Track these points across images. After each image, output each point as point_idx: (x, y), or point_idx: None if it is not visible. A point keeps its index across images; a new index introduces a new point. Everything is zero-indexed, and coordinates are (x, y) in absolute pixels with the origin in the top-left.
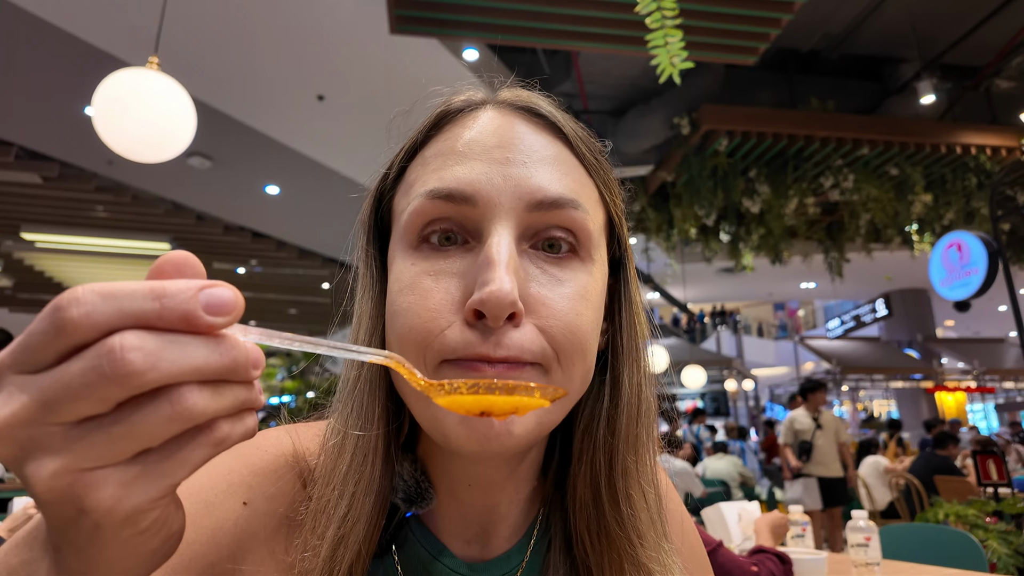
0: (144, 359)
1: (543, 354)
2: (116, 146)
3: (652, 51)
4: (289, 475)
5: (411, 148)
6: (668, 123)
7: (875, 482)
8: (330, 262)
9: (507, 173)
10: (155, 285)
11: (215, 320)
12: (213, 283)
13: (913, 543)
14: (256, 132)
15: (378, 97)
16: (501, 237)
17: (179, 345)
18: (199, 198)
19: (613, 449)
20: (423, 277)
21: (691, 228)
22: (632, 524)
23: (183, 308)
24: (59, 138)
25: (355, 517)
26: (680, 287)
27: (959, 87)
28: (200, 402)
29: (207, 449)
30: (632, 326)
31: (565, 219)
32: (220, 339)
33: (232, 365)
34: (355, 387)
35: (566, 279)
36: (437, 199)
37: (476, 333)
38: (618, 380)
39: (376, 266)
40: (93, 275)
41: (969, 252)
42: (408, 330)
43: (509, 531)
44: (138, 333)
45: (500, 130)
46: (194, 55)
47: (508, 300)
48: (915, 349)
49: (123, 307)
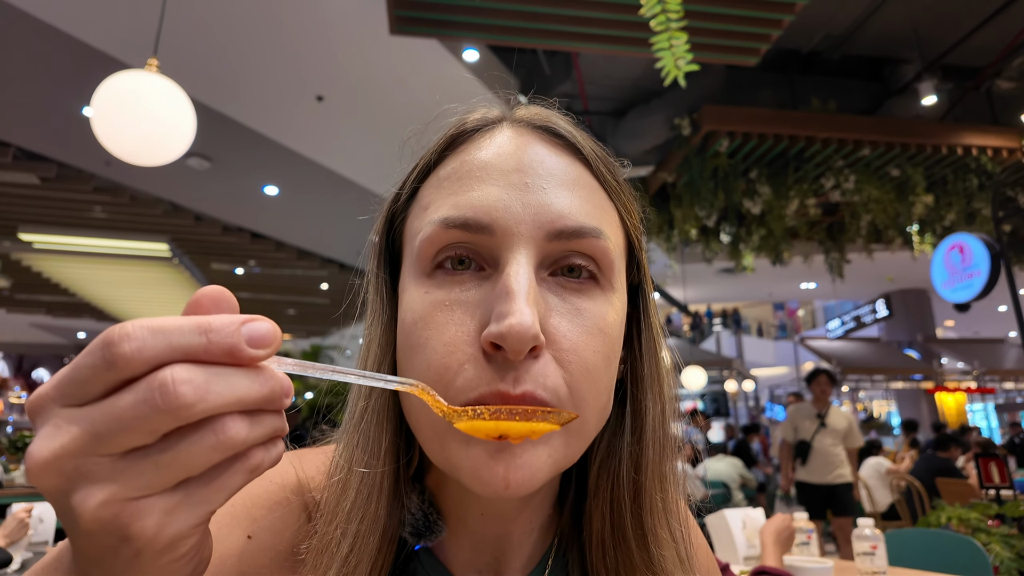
0: (194, 391)
1: (557, 396)
2: (115, 149)
3: (657, 54)
4: (294, 507)
5: (424, 168)
6: (669, 124)
7: (876, 484)
8: (329, 263)
9: (526, 200)
10: (201, 320)
11: (257, 353)
12: (253, 317)
13: (917, 549)
14: (255, 133)
15: (378, 98)
16: (520, 266)
17: (224, 377)
18: (197, 199)
19: (639, 487)
20: (438, 309)
21: (691, 229)
22: (661, 564)
23: (228, 342)
24: (57, 139)
25: (358, 557)
26: (680, 288)
27: (960, 88)
28: (241, 432)
29: (243, 476)
30: (652, 354)
31: (586, 247)
32: (260, 370)
33: (270, 395)
34: (361, 420)
35: (586, 309)
36: (452, 227)
37: (494, 368)
38: (640, 412)
39: (387, 291)
40: (91, 276)
41: (971, 254)
42: (426, 367)
43: (522, 562)
44: (187, 366)
45: (518, 152)
46: (193, 57)
47: (530, 334)
48: (915, 349)
49: (172, 342)
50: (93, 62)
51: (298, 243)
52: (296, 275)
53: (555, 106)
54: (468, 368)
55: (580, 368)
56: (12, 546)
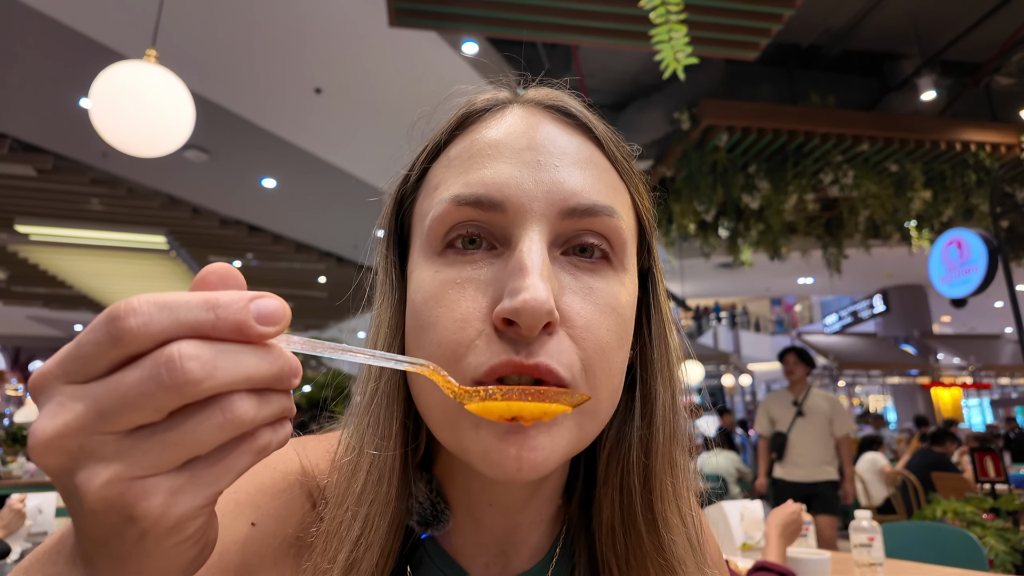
0: (202, 367)
1: (571, 373)
2: (113, 140)
3: (656, 46)
4: (298, 494)
5: (434, 148)
6: (668, 118)
7: (872, 478)
8: (327, 256)
9: (538, 178)
10: (208, 296)
11: (266, 330)
12: (262, 294)
13: (913, 541)
14: (253, 125)
15: (376, 90)
16: (533, 243)
17: (232, 354)
18: (195, 191)
19: (649, 471)
20: (448, 287)
21: (690, 223)
22: (672, 549)
23: (237, 318)
24: (54, 130)
25: (368, 541)
26: (678, 282)
27: (959, 84)
28: (250, 410)
29: (251, 456)
30: (663, 339)
31: (599, 226)
32: (268, 348)
33: (279, 374)
34: (371, 402)
35: (598, 289)
36: (464, 205)
37: (507, 343)
38: (650, 397)
39: (396, 272)
40: (88, 268)
41: (969, 249)
42: (437, 346)
43: (530, 552)
44: (194, 343)
45: (529, 130)
46: (192, 48)
47: (544, 309)
48: (912, 345)
49: (179, 317)
50: (91, 53)
51: (296, 236)
52: (294, 268)
53: (566, 87)
54: (479, 343)
55: (594, 346)
56: (10, 537)
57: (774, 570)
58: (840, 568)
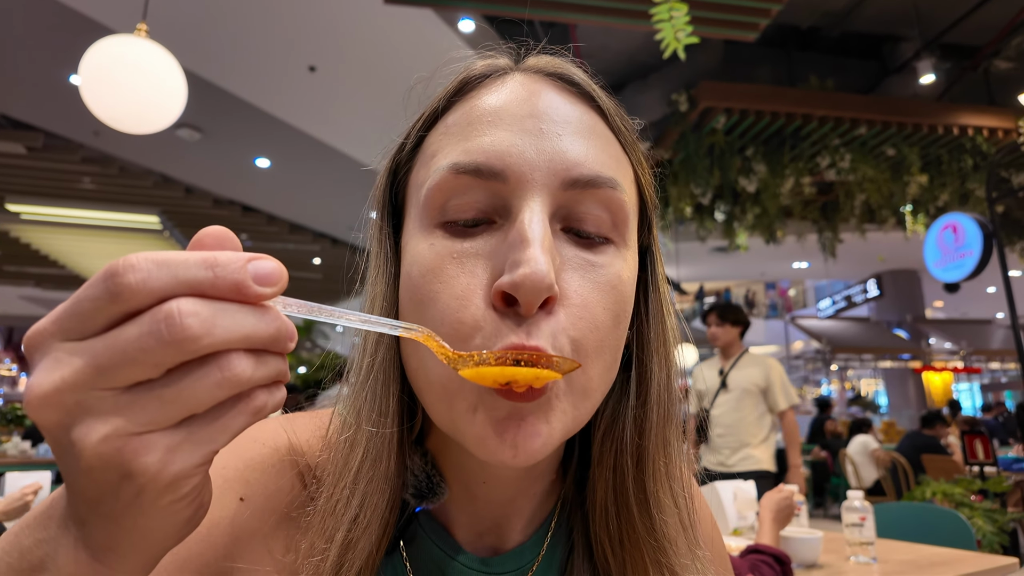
0: (200, 324)
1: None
2: (104, 116)
3: (657, 25)
4: (287, 470)
5: (431, 116)
6: (666, 100)
7: (862, 460)
8: (321, 237)
9: (540, 146)
10: (207, 255)
11: (264, 290)
12: (259, 256)
13: (903, 522)
14: (246, 103)
15: (371, 69)
16: (535, 213)
17: (231, 313)
18: (188, 171)
19: (642, 451)
20: (446, 260)
21: (686, 207)
22: (663, 530)
23: (235, 277)
24: (44, 107)
25: (367, 519)
26: (673, 266)
27: (958, 67)
28: (247, 369)
29: (247, 417)
30: (659, 317)
31: (602, 198)
32: (265, 309)
33: (276, 335)
34: (367, 378)
35: (599, 264)
36: (463, 173)
37: (508, 322)
38: (645, 377)
39: (390, 244)
40: (81, 248)
41: (964, 234)
42: (439, 323)
43: (523, 523)
44: (193, 300)
45: (531, 98)
46: (183, 23)
47: (545, 283)
48: (904, 329)
49: (178, 274)
50: (80, 28)
51: (290, 217)
52: (288, 249)
53: (568, 56)
54: (485, 327)
55: (589, 325)
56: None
57: (767, 552)
58: (832, 547)
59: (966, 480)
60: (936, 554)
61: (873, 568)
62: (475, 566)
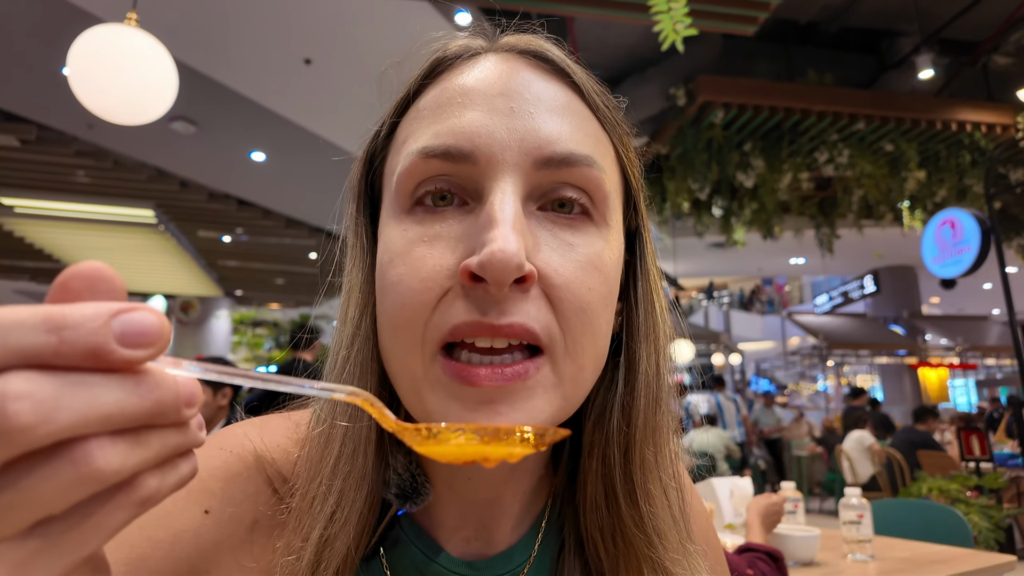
0: (34, 409)
1: (549, 334)
2: (93, 106)
3: (655, 17)
4: (254, 476)
5: (403, 101)
6: (664, 94)
7: (858, 456)
8: (318, 231)
9: (511, 125)
10: (52, 312)
11: (132, 354)
12: (131, 306)
13: (900, 518)
14: (241, 96)
15: (367, 62)
16: (505, 194)
17: (84, 388)
18: (183, 164)
19: (629, 440)
20: (416, 244)
21: (684, 202)
22: (652, 524)
23: (89, 341)
24: (36, 99)
25: (344, 516)
26: (671, 261)
27: (957, 62)
28: (113, 459)
29: (128, 511)
30: (649, 302)
31: (578, 177)
32: (140, 376)
33: (156, 408)
34: (343, 370)
35: (578, 244)
36: (432, 157)
37: (476, 303)
38: (634, 362)
39: (366, 235)
40: (75, 242)
41: (962, 230)
42: (400, 307)
43: (512, 524)
44: (28, 375)
45: (503, 76)
46: (175, 14)
47: (514, 262)
48: (900, 325)
49: (7, 342)
50: (72, 18)
51: (286, 211)
52: (284, 244)
53: (543, 33)
54: (444, 302)
55: (575, 306)
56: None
57: (760, 550)
58: (829, 544)
59: (962, 476)
60: (934, 552)
61: (871, 566)
62: (461, 571)
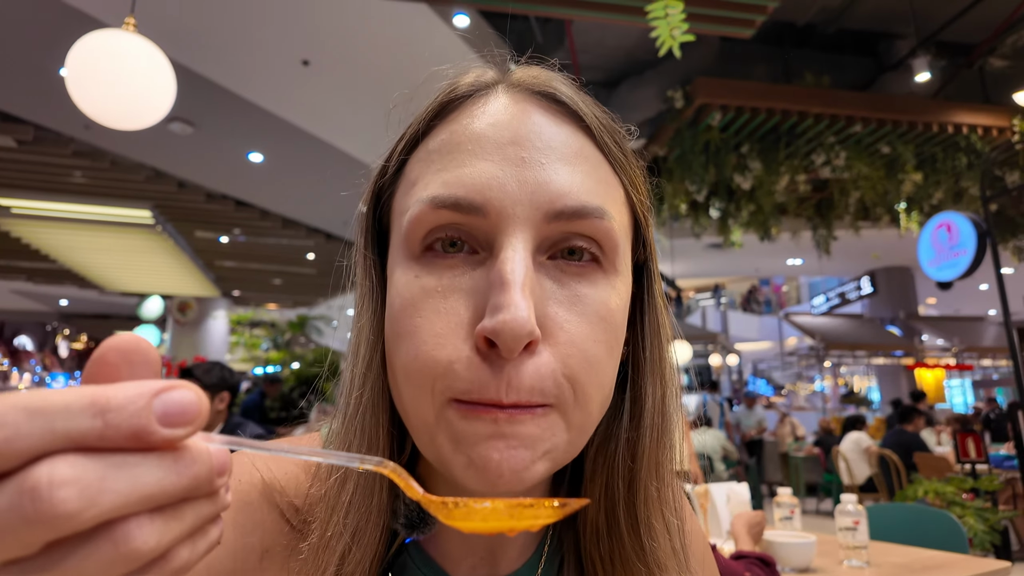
0: (79, 495)
1: (558, 391)
2: (91, 112)
3: (652, 23)
4: (264, 506)
5: (412, 139)
6: (661, 96)
7: (855, 457)
8: (315, 232)
9: (523, 177)
10: (97, 396)
11: (172, 433)
12: (170, 384)
13: (896, 522)
14: (239, 98)
15: (365, 63)
16: (516, 252)
17: (126, 469)
18: (181, 165)
19: (634, 475)
20: (429, 295)
21: (681, 204)
22: (654, 556)
23: (132, 423)
24: (33, 100)
25: (361, 551)
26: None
27: (954, 65)
28: (151, 537)
29: None
30: (656, 336)
31: (588, 228)
32: (178, 453)
33: (193, 484)
34: (356, 413)
35: (587, 295)
36: (442, 208)
37: (487, 367)
38: (640, 397)
39: (375, 272)
40: (72, 242)
41: (959, 233)
42: (414, 359)
43: (517, 552)
44: (73, 459)
45: (513, 122)
46: (173, 16)
47: (525, 330)
48: (897, 326)
49: (55, 427)
50: (69, 20)
51: (283, 212)
52: (282, 244)
53: (555, 68)
54: (457, 362)
55: (581, 361)
56: None
57: (752, 556)
58: (825, 550)
59: (958, 479)
60: (929, 557)
61: (866, 572)
62: None
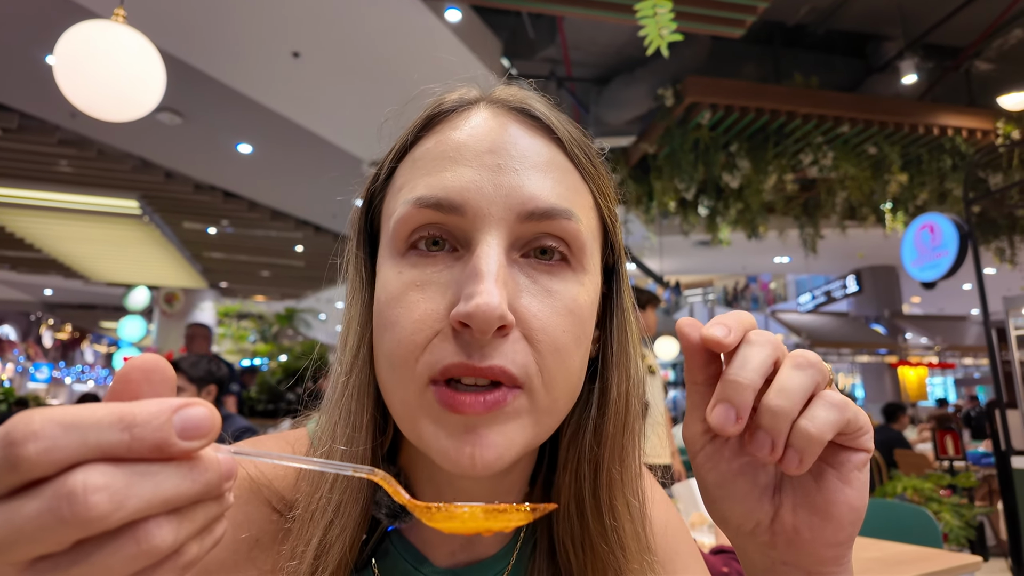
0: (110, 499)
1: (526, 373)
2: (79, 103)
3: (641, 21)
4: (253, 500)
5: (401, 148)
6: (652, 94)
7: None
8: (304, 224)
9: (498, 181)
10: (124, 412)
11: (190, 445)
12: (187, 402)
13: (872, 518)
14: (228, 88)
15: (355, 56)
16: (490, 247)
17: (149, 477)
18: (168, 155)
19: (599, 459)
20: (410, 288)
21: (670, 201)
22: (616, 536)
23: (156, 437)
24: (18, 87)
25: (342, 524)
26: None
27: (940, 67)
28: (168, 536)
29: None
30: (623, 334)
31: (557, 229)
32: (194, 463)
33: (205, 489)
34: (343, 395)
35: (556, 290)
36: (425, 207)
37: (462, 346)
38: (607, 389)
39: (366, 270)
40: (57, 232)
41: (941, 234)
42: (396, 344)
43: (494, 537)
44: (103, 468)
45: (491, 133)
46: (163, 7)
47: (496, 314)
48: (882, 324)
49: (87, 440)
50: (57, 8)
51: (272, 204)
52: (270, 236)
53: (533, 87)
54: (435, 343)
55: (550, 347)
56: None
57: (730, 550)
58: None
59: (936, 475)
60: (903, 552)
61: None
62: None
